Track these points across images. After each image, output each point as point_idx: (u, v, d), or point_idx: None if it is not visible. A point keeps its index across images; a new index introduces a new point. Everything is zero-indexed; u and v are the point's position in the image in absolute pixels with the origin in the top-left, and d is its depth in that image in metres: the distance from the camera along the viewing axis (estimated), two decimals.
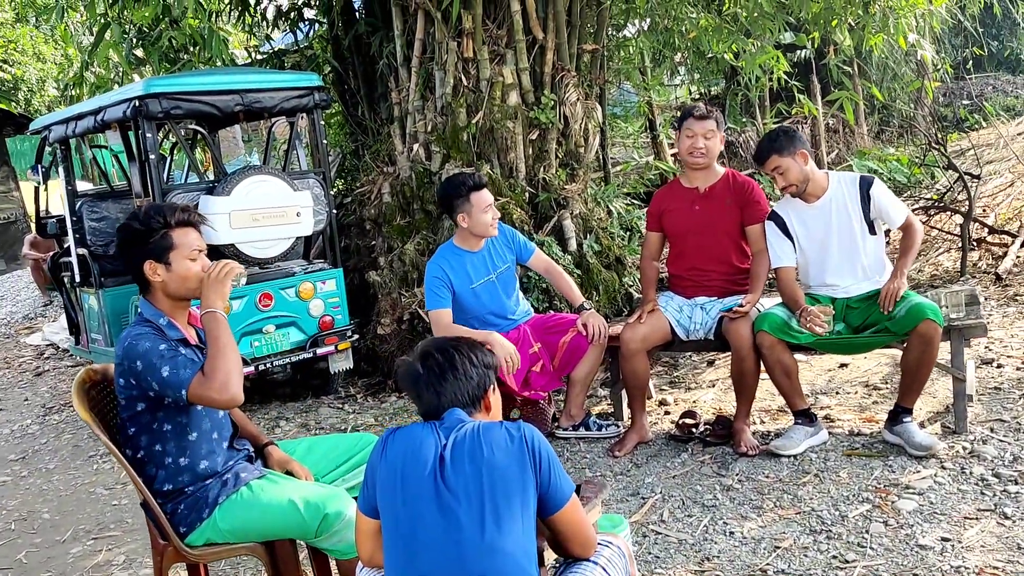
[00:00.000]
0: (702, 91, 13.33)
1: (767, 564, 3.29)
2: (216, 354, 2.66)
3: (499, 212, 4.74)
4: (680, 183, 4.69)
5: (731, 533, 3.57)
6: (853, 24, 7.32)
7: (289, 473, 3.04)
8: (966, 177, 7.73)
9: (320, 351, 6.00)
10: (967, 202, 7.52)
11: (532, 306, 5.35)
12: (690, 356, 6.14)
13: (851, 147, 12.22)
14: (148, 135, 5.41)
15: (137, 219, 2.81)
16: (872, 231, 4.27)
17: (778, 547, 3.41)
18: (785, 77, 9.29)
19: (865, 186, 4.25)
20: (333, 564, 3.10)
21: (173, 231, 2.80)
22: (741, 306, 4.36)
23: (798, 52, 11.80)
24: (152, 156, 5.44)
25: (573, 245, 6.50)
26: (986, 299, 6.32)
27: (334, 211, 6.26)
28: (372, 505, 2.29)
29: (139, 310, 2.86)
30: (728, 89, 12.00)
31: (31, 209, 11.91)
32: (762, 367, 4.30)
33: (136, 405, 2.77)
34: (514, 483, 2.17)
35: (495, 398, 2.39)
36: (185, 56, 7.34)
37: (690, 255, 4.63)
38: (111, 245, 6.73)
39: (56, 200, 7.53)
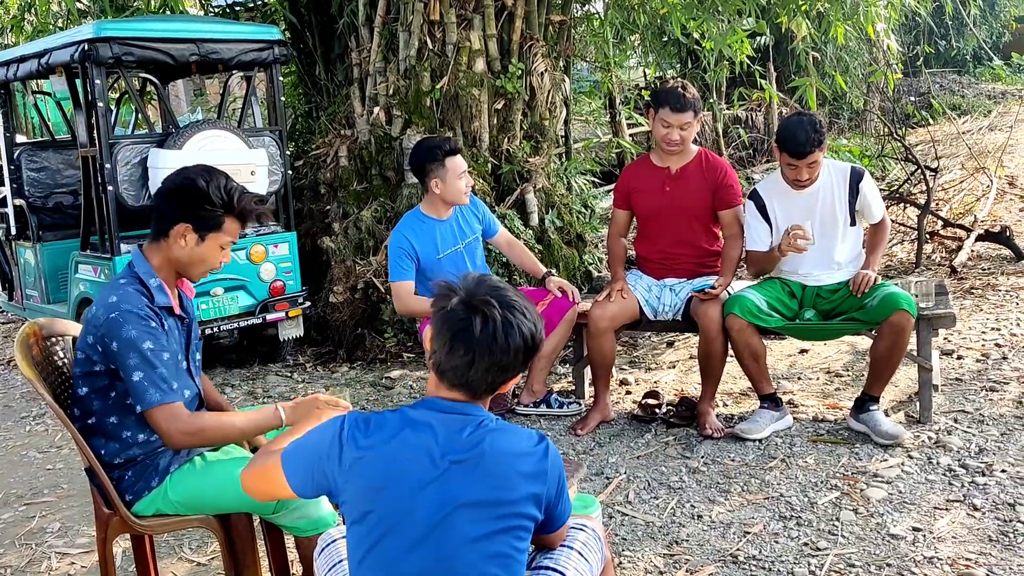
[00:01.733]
0: (658, 74, 13.27)
1: (737, 549, 3.21)
2: (222, 432, 2.54)
3: (472, 180, 4.59)
4: (651, 160, 4.55)
5: (699, 517, 3.48)
6: (822, 10, 7.27)
7: (254, 449, 2.85)
8: (925, 169, 7.77)
9: (270, 317, 5.79)
10: (925, 194, 7.56)
11: None
12: (649, 336, 6.06)
13: None
14: (97, 81, 5.11)
15: (206, 181, 2.58)
16: (853, 223, 4.21)
17: (748, 532, 3.33)
18: (747, 61, 9.24)
19: (856, 178, 4.17)
20: (289, 541, 2.93)
21: (229, 216, 2.61)
22: (712, 288, 4.26)
23: (758, 38, 11.77)
24: (100, 104, 5.14)
25: (535, 220, 6.37)
26: None
27: (289, 172, 6.02)
28: (329, 490, 1.99)
29: (131, 263, 2.64)
30: (684, 73, 11.93)
31: None
32: (730, 350, 4.22)
33: (95, 366, 2.55)
34: (522, 515, 1.93)
35: (511, 385, 2.07)
36: (134, 3, 7.00)
37: (659, 237, 4.50)
38: (50, 197, 6.41)
39: None
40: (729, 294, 4.31)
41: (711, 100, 10.59)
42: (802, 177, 4.07)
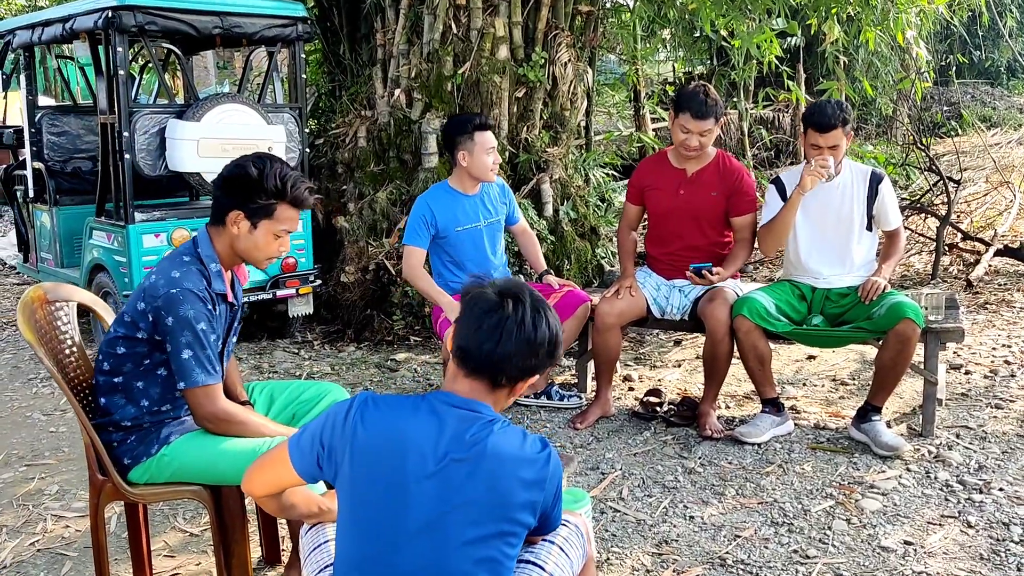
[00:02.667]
0: (688, 69, 13.19)
1: (726, 552, 3.22)
2: (251, 430, 2.60)
3: (499, 158, 4.63)
4: (668, 159, 4.51)
5: (691, 517, 3.49)
6: (852, 14, 7.21)
7: None
8: (947, 180, 7.71)
9: (280, 293, 5.83)
10: (946, 206, 7.50)
11: None
12: (657, 334, 6.05)
13: None
14: (119, 49, 5.15)
15: (258, 169, 2.61)
16: (870, 227, 4.21)
17: (738, 536, 3.33)
18: (776, 62, 9.18)
19: (876, 180, 4.19)
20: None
21: (281, 204, 2.63)
22: (710, 270, 4.24)
23: (788, 39, 11.70)
24: (121, 72, 5.18)
25: (549, 210, 6.38)
26: None
27: (307, 150, 6.05)
28: (314, 467, 2.01)
29: (196, 241, 2.68)
30: (715, 69, 11.86)
31: None
32: (736, 352, 4.21)
33: (138, 332, 2.60)
34: (517, 521, 1.93)
35: (527, 385, 2.06)
36: None
37: (671, 239, 4.47)
38: (69, 162, 6.47)
39: (15, 111, 7.22)
40: (737, 294, 4.31)
41: (735, 99, 10.52)
42: (825, 161, 4.04)
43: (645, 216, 4.70)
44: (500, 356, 1.94)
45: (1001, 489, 3.63)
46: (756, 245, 4.45)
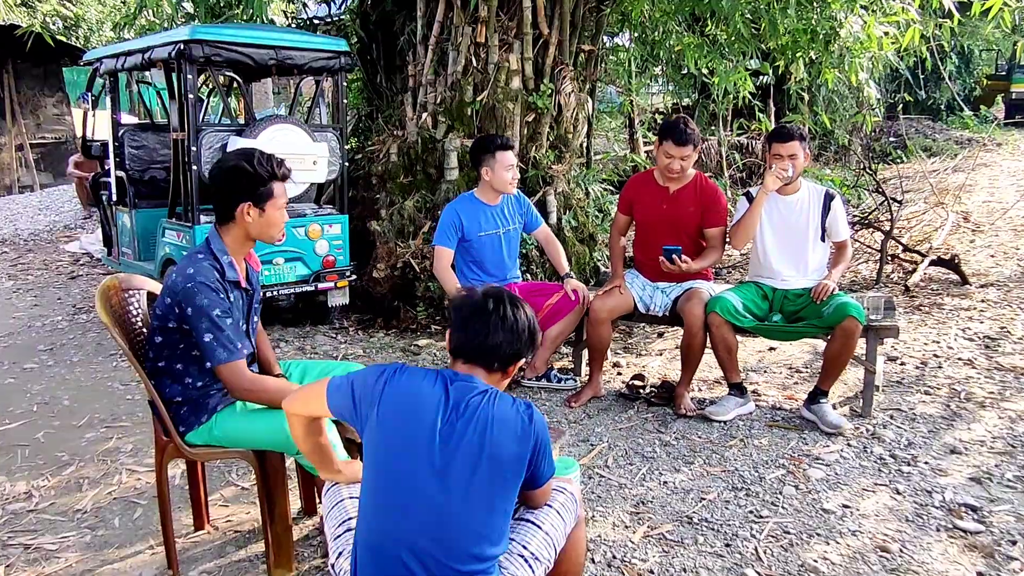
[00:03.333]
0: (676, 101, 13.15)
1: (693, 512, 3.23)
2: (278, 396, 2.54)
3: (519, 174, 4.64)
4: (654, 178, 4.49)
5: (665, 483, 3.50)
6: (814, 58, 7.17)
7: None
8: (890, 200, 7.66)
9: (321, 286, 5.84)
10: (889, 222, 7.47)
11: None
12: (644, 327, 6.04)
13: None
14: (188, 76, 5.17)
15: (249, 163, 2.60)
16: (823, 238, 4.23)
17: (704, 499, 3.34)
18: (749, 96, 9.14)
19: (829, 198, 4.21)
20: None
21: (275, 183, 2.64)
22: (680, 256, 4.22)
23: (761, 77, 11.65)
24: (191, 96, 5.21)
25: (554, 219, 6.36)
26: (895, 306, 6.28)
27: (346, 163, 6.06)
28: (350, 416, 2.05)
29: (208, 240, 2.68)
30: (698, 101, 11.83)
31: (79, 132, 11.54)
32: (708, 343, 4.22)
33: (169, 323, 2.61)
34: (508, 470, 1.97)
35: (517, 367, 2.14)
36: (228, 12, 7.05)
37: (654, 246, 4.43)
38: (147, 171, 6.50)
39: (102, 127, 7.26)
40: (711, 295, 4.30)
41: (715, 128, 10.50)
42: (785, 166, 4.07)
43: (633, 224, 4.70)
44: (491, 345, 2.04)
45: (926, 463, 3.63)
46: (729, 243, 4.45)
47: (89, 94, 6.46)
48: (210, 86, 6.96)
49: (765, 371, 5.03)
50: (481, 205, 4.58)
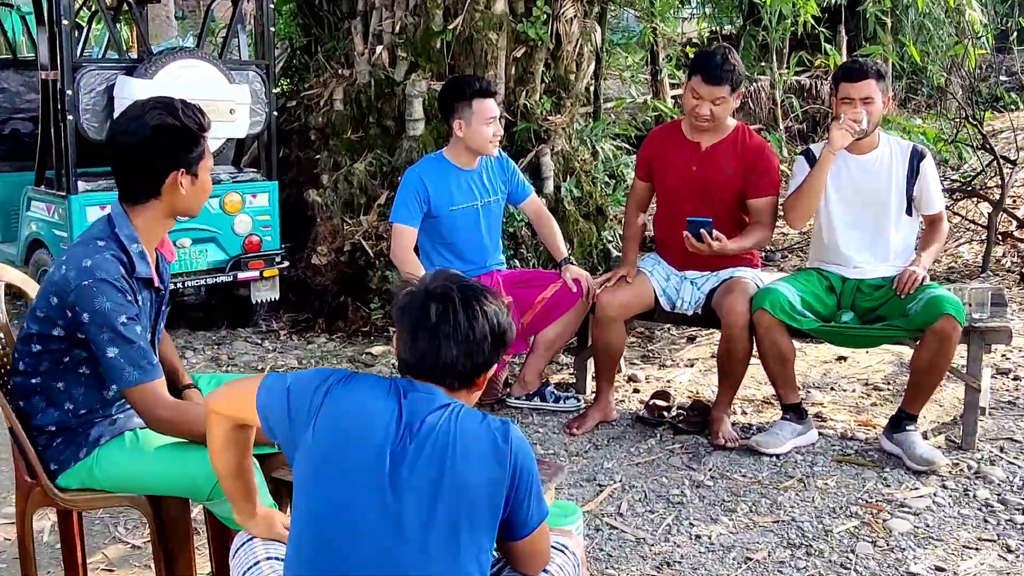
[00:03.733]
0: (715, 28, 13.16)
1: None
2: (200, 424, 2.46)
3: (501, 130, 4.65)
4: (681, 129, 4.50)
5: (697, 537, 3.51)
6: None
7: None
8: (1001, 161, 7.70)
9: (242, 275, 5.83)
10: (999, 189, 7.49)
11: None
12: (668, 329, 6.07)
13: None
14: None
15: (174, 116, 2.58)
16: (909, 211, 4.25)
17: (750, 559, 3.36)
18: (812, 22, 9.16)
19: (917, 157, 4.23)
20: None
21: (204, 139, 2.65)
22: (711, 233, 4.15)
23: None
24: (65, 22, 5.17)
25: (550, 187, 6.38)
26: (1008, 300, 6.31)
27: (275, 113, 6.04)
28: (280, 429, 2.08)
29: (110, 221, 2.66)
30: (744, 29, 11.84)
31: None
32: (754, 350, 4.23)
33: (54, 330, 2.59)
34: (479, 502, 1.98)
35: (487, 378, 2.17)
36: None
37: (680, 222, 4.38)
38: (7, 123, 6.47)
39: None
40: (758, 286, 4.32)
41: (767, 64, 10.52)
42: (857, 114, 4.06)
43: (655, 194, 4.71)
44: (443, 363, 2.06)
45: None
46: (782, 218, 4.45)
47: None
48: (91, 9, 6.92)
49: (832, 388, 5.05)
50: (453, 169, 4.58)
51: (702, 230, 4.17)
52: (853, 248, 4.27)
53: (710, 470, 4.04)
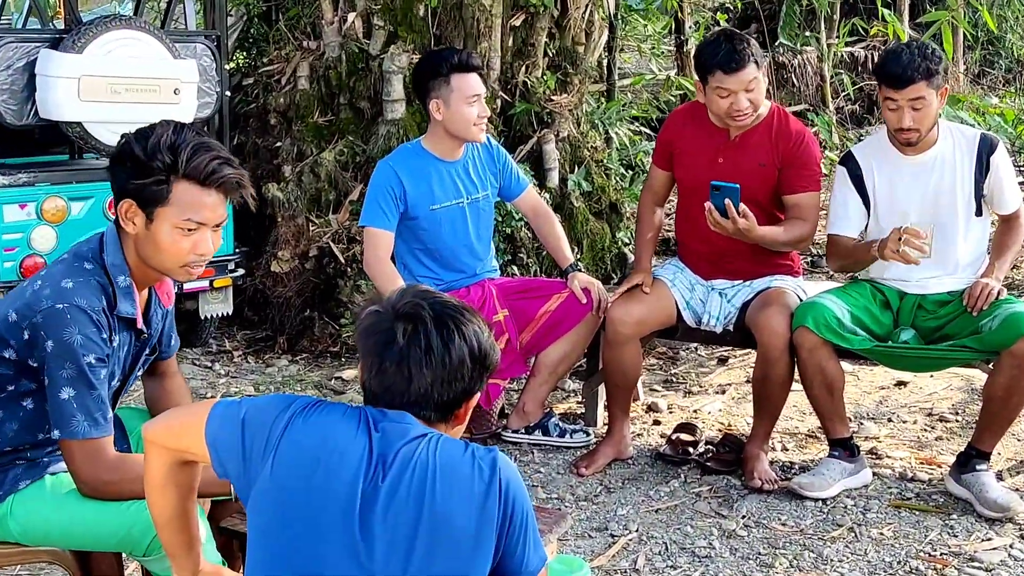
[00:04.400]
0: None
1: None
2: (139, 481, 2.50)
3: (488, 110, 4.67)
4: (706, 114, 4.48)
5: None
6: None
7: None
8: None
9: (188, 286, 5.83)
10: None
11: None
12: (696, 349, 6.09)
13: None
14: None
15: (143, 136, 2.61)
16: (979, 211, 4.23)
17: None
18: None
19: (986, 149, 4.19)
20: None
21: (178, 182, 2.60)
22: (739, 210, 4.11)
23: None
24: None
25: (554, 180, 6.42)
26: None
27: (227, 93, 6.06)
28: (232, 462, 2.10)
29: (104, 241, 2.70)
30: None
31: None
32: (796, 375, 4.25)
33: (5, 349, 2.61)
34: (464, 546, 1.99)
35: (470, 408, 2.18)
36: None
37: (705, 222, 4.36)
38: None
39: None
40: (801, 299, 4.33)
41: (812, 34, 10.56)
42: (904, 123, 4.07)
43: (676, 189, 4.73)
44: (415, 393, 2.08)
45: None
46: (825, 250, 4.47)
47: None
48: None
49: (890, 419, 5.07)
50: (433, 161, 4.59)
51: (727, 200, 4.14)
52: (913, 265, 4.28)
53: (743, 517, 4.05)
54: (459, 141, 4.59)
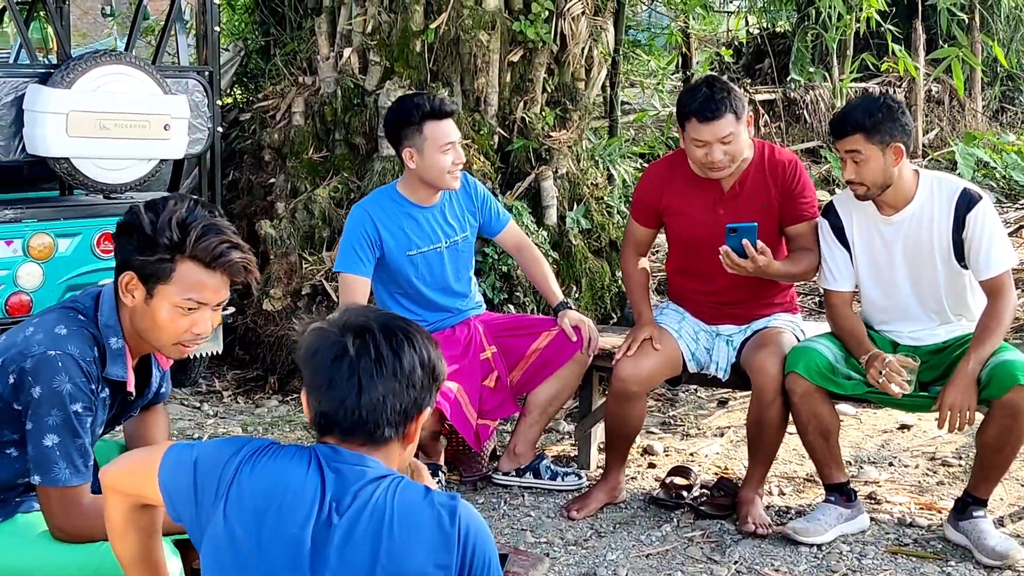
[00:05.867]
0: (764, 25, 13.26)
1: None
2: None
3: (464, 156, 4.69)
4: (688, 166, 4.47)
5: None
6: None
7: None
8: None
9: None
10: None
11: (484, 296, 5.29)
12: (695, 391, 6.11)
13: (957, 127, 12.21)
14: None
15: (154, 211, 2.66)
16: (962, 261, 4.16)
17: None
18: (878, 18, 9.25)
19: (964, 204, 4.10)
20: None
21: (182, 261, 2.65)
22: (757, 247, 4.12)
23: None
24: None
25: (553, 217, 6.43)
26: None
27: (220, 128, 6.13)
28: (184, 508, 2.14)
29: (101, 297, 2.76)
30: (799, 27, 11.95)
31: None
32: (791, 419, 4.28)
33: None
34: None
35: (420, 425, 2.20)
36: None
37: (712, 273, 4.40)
38: None
39: None
40: (797, 338, 4.38)
41: (823, 70, 10.62)
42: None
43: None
44: (369, 408, 2.10)
45: None
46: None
47: None
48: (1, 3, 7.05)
49: (890, 463, 5.08)
50: (408, 207, 4.61)
51: (744, 242, 4.13)
52: (899, 321, 4.31)
53: (736, 563, 4.06)
54: (434, 189, 4.60)
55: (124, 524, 2.31)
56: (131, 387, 2.77)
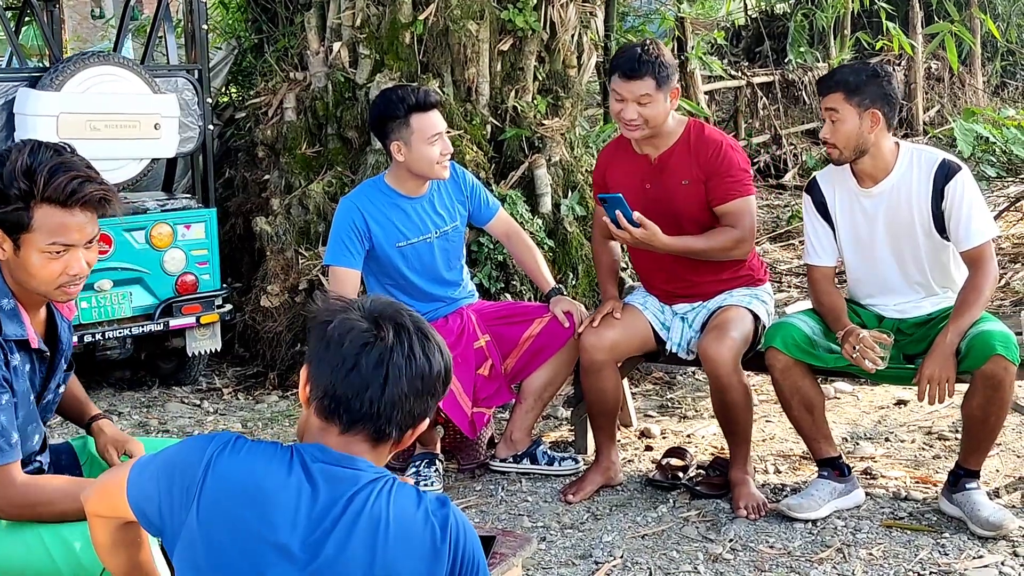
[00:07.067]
0: (763, 7, 13.28)
1: None
2: (64, 509, 2.60)
3: (451, 146, 4.72)
4: (631, 144, 4.56)
5: None
6: None
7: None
8: None
9: (175, 323, 5.91)
10: None
11: (480, 286, 5.33)
12: (693, 373, 6.13)
13: (957, 103, 12.25)
14: None
15: (3, 166, 2.63)
16: (943, 233, 4.18)
17: None
18: None
19: (943, 176, 4.11)
20: None
21: (38, 206, 2.61)
22: (634, 219, 4.20)
23: None
24: None
25: (547, 205, 6.45)
26: None
27: (211, 126, 6.17)
28: (155, 516, 2.10)
29: None
30: (796, 8, 11.98)
31: None
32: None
33: None
34: None
35: (416, 434, 2.17)
36: None
37: (653, 254, 4.49)
38: None
39: None
40: (758, 316, 4.44)
41: (819, 51, 10.63)
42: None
43: None
44: (389, 403, 2.05)
45: None
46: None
47: None
48: None
49: (886, 439, 5.11)
50: (397, 198, 4.64)
51: (617, 212, 4.23)
52: (882, 294, 4.34)
53: (731, 541, 4.09)
54: (422, 180, 4.64)
55: (111, 545, 2.31)
56: (35, 344, 2.72)
